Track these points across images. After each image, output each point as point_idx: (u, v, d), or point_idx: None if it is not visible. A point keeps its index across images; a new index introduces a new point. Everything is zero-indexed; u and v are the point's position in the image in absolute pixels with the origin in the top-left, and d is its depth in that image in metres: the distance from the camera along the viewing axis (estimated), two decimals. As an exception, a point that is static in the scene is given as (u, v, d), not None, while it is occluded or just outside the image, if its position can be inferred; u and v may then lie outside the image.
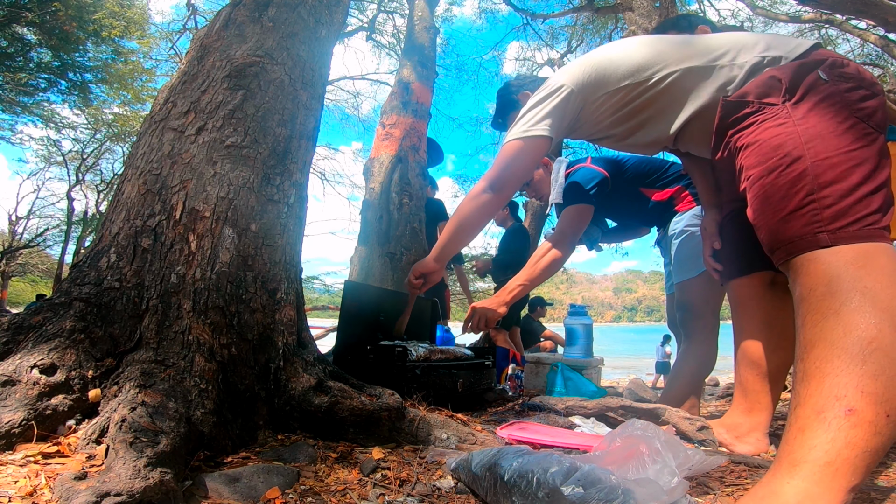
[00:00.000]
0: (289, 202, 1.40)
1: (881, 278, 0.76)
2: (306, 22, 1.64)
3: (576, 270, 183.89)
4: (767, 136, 0.96)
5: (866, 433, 0.65)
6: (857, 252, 0.81)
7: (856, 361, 0.69)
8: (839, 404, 0.68)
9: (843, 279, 0.78)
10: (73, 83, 10.24)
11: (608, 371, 8.63)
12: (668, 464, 0.87)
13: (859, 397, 0.67)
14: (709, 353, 1.85)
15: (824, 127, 0.90)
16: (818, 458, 0.66)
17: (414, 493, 0.88)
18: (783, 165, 0.92)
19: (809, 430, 0.69)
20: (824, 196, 0.86)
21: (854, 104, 0.91)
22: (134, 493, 0.66)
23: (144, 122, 1.42)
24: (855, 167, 0.86)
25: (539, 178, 2.29)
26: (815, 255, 0.84)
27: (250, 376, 1.16)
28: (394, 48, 9.71)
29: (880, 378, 0.67)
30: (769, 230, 0.95)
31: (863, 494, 0.90)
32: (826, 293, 0.78)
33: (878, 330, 0.71)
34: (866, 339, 0.70)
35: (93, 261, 1.16)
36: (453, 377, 1.77)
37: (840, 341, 0.72)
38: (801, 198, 0.89)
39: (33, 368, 0.92)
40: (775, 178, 0.93)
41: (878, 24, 4.69)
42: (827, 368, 0.71)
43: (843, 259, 0.81)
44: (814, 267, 0.84)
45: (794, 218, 0.89)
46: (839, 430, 0.66)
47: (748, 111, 1.00)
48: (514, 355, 2.89)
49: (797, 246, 0.88)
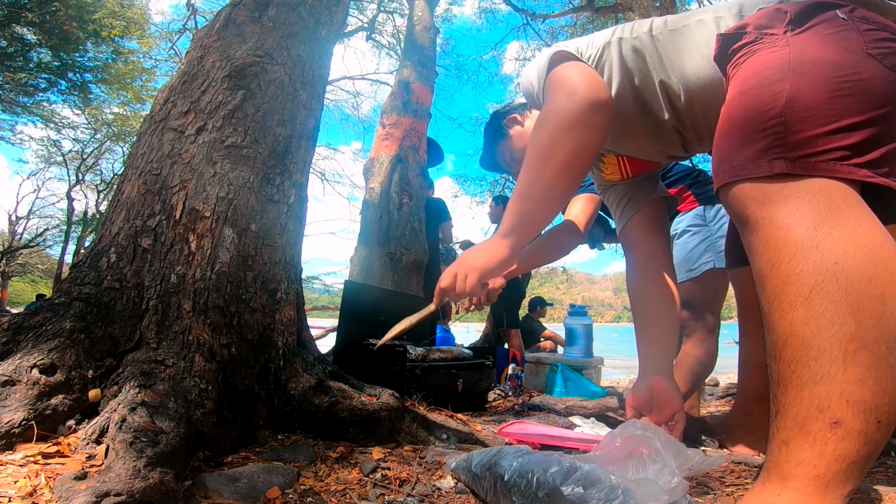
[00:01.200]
0: (289, 202, 1.40)
1: (854, 251, 0.63)
2: (306, 22, 1.64)
3: (576, 270, 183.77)
4: (756, 63, 0.82)
5: (856, 444, 0.58)
6: (821, 209, 0.67)
7: (835, 365, 0.60)
8: (822, 416, 0.60)
9: (808, 251, 0.65)
10: (73, 83, 10.24)
11: (608, 371, 8.61)
12: (668, 464, 0.87)
13: (844, 407, 0.59)
14: (709, 354, 1.85)
15: (824, 53, 0.76)
16: (806, 472, 0.60)
17: (414, 493, 0.88)
18: (759, 85, 0.79)
19: (794, 444, 0.62)
20: (795, 120, 0.72)
21: (871, 41, 0.76)
22: (134, 493, 0.66)
23: (144, 122, 1.42)
24: (845, 96, 0.72)
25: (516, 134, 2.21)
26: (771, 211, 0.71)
27: (250, 376, 1.16)
28: (394, 48, 9.71)
29: (866, 383, 0.59)
30: (720, 151, 0.81)
31: (863, 494, 0.90)
32: (791, 274, 0.66)
33: (857, 323, 0.60)
34: (846, 337, 0.60)
35: (93, 261, 1.16)
36: (453, 377, 1.77)
37: (814, 340, 0.62)
38: (767, 118, 0.75)
39: (33, 368, 0.92)
40: (745, 100, 0.80)
41: (878, 24, 4.68)
42: (804, 374, 0.62)
43: (804, 220, 0.67)
44: (771, 232, 0.70)
45: (753, 139, 0.75)
46: (825, 444, 0.59)
47: (745, 41, 0.86)
48: (514, 355, 2.89)
49: (745, 169, 0.74)
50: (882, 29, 0.80)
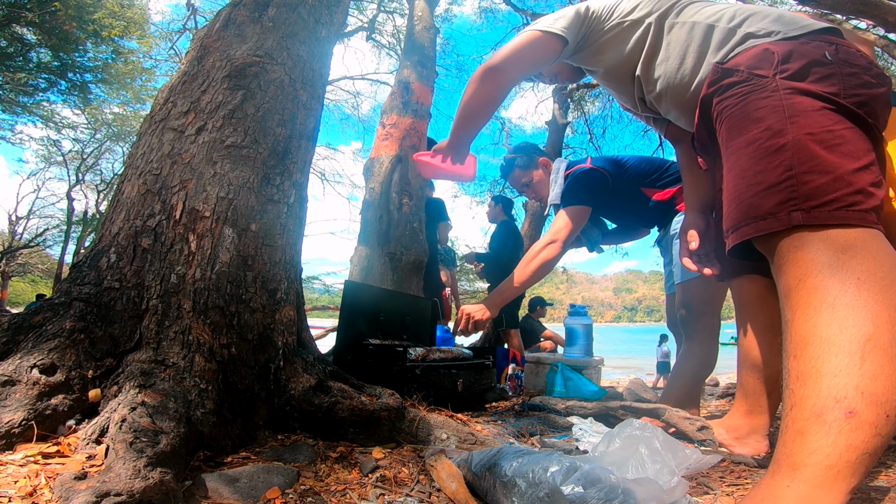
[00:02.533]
0: (289, 202, 1.40)
1: (874, 268, 0.73)
2: (306, 22, 1.64)
3: (576, 270, 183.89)
4: (751, 109, 0.91)
5: (867, 435, 0.64)
6: (845, 239, 0.77)
7: (854, 360, 0.67)
8: (839, 406, 0.65)
9: (834, 269, 0.74)
10: (73, 83, 10.23)
11: (608, 371, 8.63)
12: (668, 463, 0.87)
13: (860, 399, 0.65)
14: (709, 354, 1.85)
15: (812, 104, 0.85)
16: (819, 461, 0.64)
17: (413, 494, 0.88)
18: (763, 138, 0.87)
19: (809, 433, 0.66)
20: (802, 172, 0.82)
21: (851, 88, 0.86)
22: (134, 493, 0.66)
23: (144, 122, 1.42)
24: (837, 146, 0.82)
25: (538, 178, 2.27)
26: (801, 240, 0.80)
27: (250, 376, 1.16)
28: (394, 48, 9.71)
29: (880, 378, 0.65)
30: (740, 205, 0.90)
31: (863, 494, 0.90)
32: (818, 285, 0.74)
33: (875, 326, 0.68)
34: (864, 337, 0.67)
35: (93, 261, 1.16)
36: (453, 377, 1.77)
37: (836, 338, 0.69)
38: (779, 173, 0.84)
39: (33, 368, 0.92)
40: (754, 152, 0.89)
41: (878, 24, 4.69)
42: (824, 368, 0.69)
43: (832, 247, 0.77)
44: (801, 255, 0.79)
45: (770, 194, 0.84)
46: (840, 433, 0.64)
47: (735, 80, 0.95)
48: (514, 355, 2.90)
49: (768, 223, 0.84)
50: (863, 71, 0.89)
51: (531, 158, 2.27)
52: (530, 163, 2.26)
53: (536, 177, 2.26)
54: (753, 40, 0.98)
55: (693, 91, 1.12)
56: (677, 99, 1.18)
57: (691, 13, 1.13)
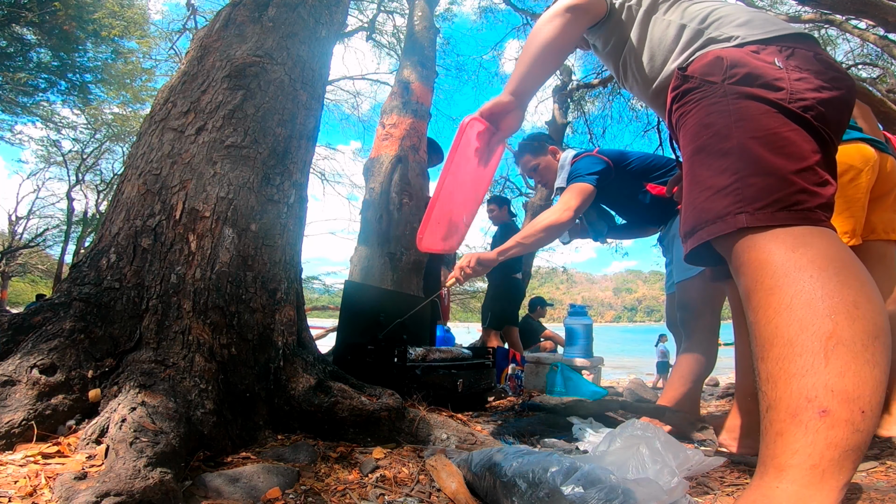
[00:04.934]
0: (289, 202, 1.40)
1: (827, 265, 0.73)
2: (306, 22, 1.64)
3: (576, 270, 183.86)
4: (703, 115, 0.93)
5: (845, 432, 0.64)
6: (794, 238, 0.78)
7: (818, 359, 0.67)
8: (811, 406, 0.66)
9: (787, 269, 0.75)
10: (73, 83, 10.23)
11: (608, 371, 8.63)
12: (668, 464, 0.87)
13: (830, 397, 0.65)
14: (708, 354, 1.85)
15: (757, 108, 0.87)
16: (802, 461, 0.65)
17: (413, 494, 0.88)
18: (712, 144, 0.89)
19: (788, 434, 0.67)
20: (747, 175, 0.83)
21: (798, 93, 0.87)
22: (134, 493, 0.66)
23: (144, 122, 1.42)
24: (781, 147, 0.83)
25: (546, 164, 2.32)
26: (752, 242, 0.81)
27: (250, 376, 1.16)
28: (394, 48, 9.71)
29: (847, 375, 0.66)
30: (694, 210, 0.92)
31: (863, 494, 0.90)
32: (774, 287, 0.75)
33: (834, 323, 0.68)
34: (825, 335, 0.68)
35: (93, 261, 1.16)
36: (453, 377, 1.77)
37: (798, 339, 0.70)
38: (726, 177, 0.86)
39: (33, 368, 0.92)
40: (704, 157, 0.91)
41: (878, 24, 4.69)
42: (791, 368, 0.69)
43: (782, 246, 0.78)
44: (754, 256, 0.80)
45: (719, 197, 0.86)
46: (817, 432, 0.65)
47: (690, 86, 0.98)
48: (514, 355, 2.89)
49: (718, 227, 0.85)
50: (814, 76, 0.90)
51: (542, 146, 2.38)
52: (540, 149, 2.36)
53: (545, 162, 2.36)
54: (713, 45, 1.00)
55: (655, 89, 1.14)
56: (643, 95, 1.20)
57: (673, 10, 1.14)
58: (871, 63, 8.79)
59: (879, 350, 0.67)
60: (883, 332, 0.69)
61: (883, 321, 0.69)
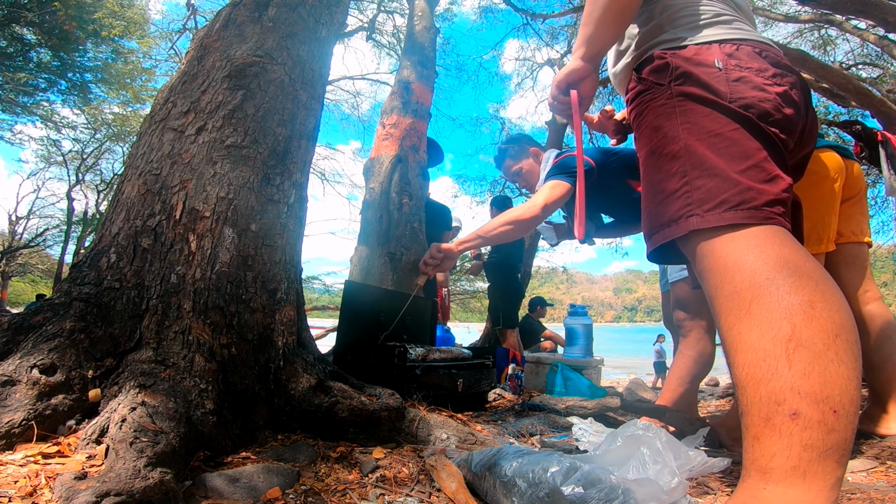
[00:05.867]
0: (289, 202, 1.40)
1: (780, 265, 0.73)
2: (306, 22, 1.64)
3: (576, 270, 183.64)
4: (652, 118, 0.94)
5: (820, 433, 0.63)
6: (746, 239, 0.78)
7: (781, 363, 0.67)
8: (781, 409, 0.66)
9: (743, 273, 0.75)
10: (73, 83, 10.23)
11: (608, 371, 8.64)
12: (669, 464, 0.87)
13: (798, 399, 0.65)
14: (705, 353, 1.85)
15: (700, 109, 0.88)
16: (782, 464, 0.64)
17: (413, 494, 0.88)
18: (661, 147, 0.91)
19: (764, 438, 0.67)
20: (695, 178, 0.84)
21: (738, 92, 0.88)
22: (134, 493, 0.66)
23: (144, 122, 1.42)
24: (724, 148, 0.84)
25: (529, 168, 2.27)
26: (708, 244, 0.82)
27: (250, 376, 1.16)
28: (394, 48, 9.71)
29: (811, 375, 0.65)
30: (650, 214, 0.93)
31: (863, 494, 0.90)
32: (732, 292, 0.76)
33: (791, 325, 0.68)
34: (784, 338, 0.68)
35: (93, 261, 1.16)
36: (453, 377, 1.77)
37: (759, 343, 0.70)
38: (676, 180, 0.87)
39: (33, 368, 0.92)
40: (655, 160, 0.92)
41: (878, 24, 4.69)
42: (757, 374, 0.69)
43: (736, 248, 0.78)
44: (712, 261, 0.81)
45: (671, 201, 0.87)
46: (791, 435, 0.64)
47: (641, 88, 0.99)
48: (514, 355, 2.89)
49: (671, 230, 0.86)
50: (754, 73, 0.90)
51: (522, 148, 2.31)
52: (521, 152, 2.29)
53: (527, 166, 2.28)
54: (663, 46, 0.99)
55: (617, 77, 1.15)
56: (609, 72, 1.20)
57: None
58: (871, 63, 8.78)
59: (843, 347, 0.67)
60: (844, 329, 0.68)
61: (842, 318, 0.69)
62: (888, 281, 22.48)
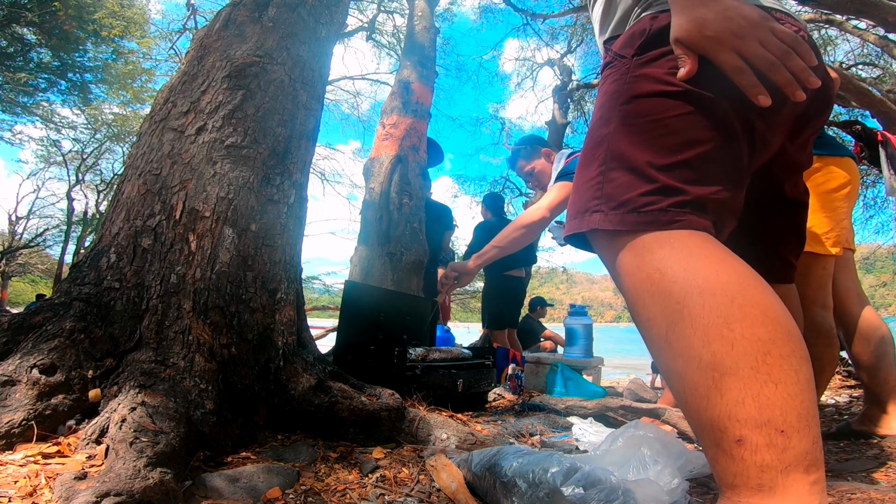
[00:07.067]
0: (289, 202, 1.39)
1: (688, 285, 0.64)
2: (306, 22, 1.64)
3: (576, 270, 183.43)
4: (602, 93, 0.82)
5: (772, 454, 0.57)
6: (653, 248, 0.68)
7: (712, 393, 0.61)
8: (726, 437, 0.60)
9: (654, 295, 0.67)
10: (73, 83, 10.24)
11: (608, 371, 8.63)
12: (669, 464, 0.87)
13: (738, 426, 0.59)
14: None
15: (650, 88, 0.73)
16: (746, 482, 0.59)
17: (413, 494, 0.88)
18: (594, 129, 0.79)
19: (719, 462, 0.62)
20: (610, 169, 0.73)
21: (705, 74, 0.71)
22: (134, 493, 0.66)
23: (144, 122, 1.42)
24: (656, 138, 0.71)
25: (541, 168, 2.32)
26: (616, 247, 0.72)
27: (250, 376, 1.16)
28: (394, 48, 9.71)
29: (745, 402, 0.59)
30: (570, 200, 0.82)
31: (863, 495, 0.89)
32: (648, 318, 0.68)
33: (710, 353, 0.61)
34: (707, 367, 0.61)
35: (93, 261, 1.16)
36: (453, 377, 1.77)
37: (686, 373, 0.63)
38: (594, 167, 0.75)
39: (33, 368, 0.92)
40: (586, 142, 0.81)
41: (878, 24, 4.69)
42: (693, 403, 0.63)
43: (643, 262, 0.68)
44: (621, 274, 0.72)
45: (586, 189, 0.76)
46: (742, 459, 0.59)
47: (607, 61, 0.85)
48: (514, 355, 2.89)
49: (577, 223, 0.76)
50: None
51: (534, 149, 2.36)
52: (533, 153, 2.34)
53: (539, 166, 2.34)
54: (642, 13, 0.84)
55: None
56: None
57: None
58: (871, 63, 8.79)
59: (775, 365, 0.59)
60: (775, 343, 0.60)
61: (767, 332, 0.61)
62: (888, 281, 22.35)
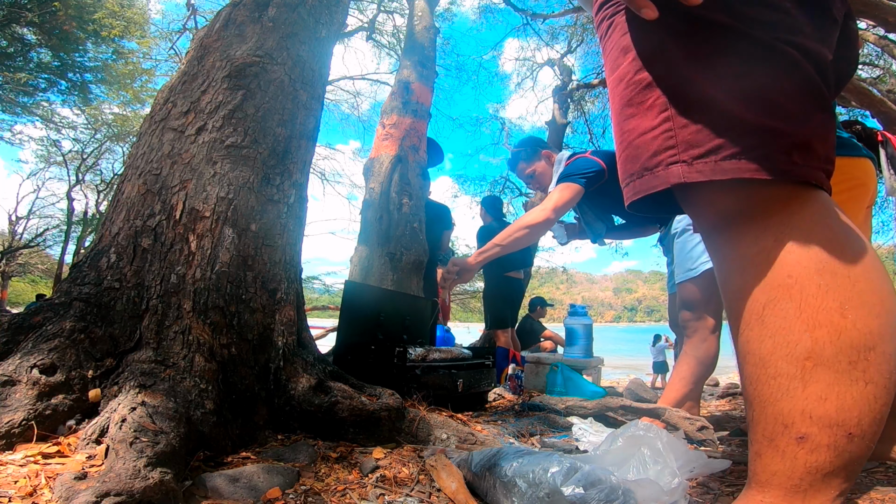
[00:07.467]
0: (289, 202, 1.39)
1: (808, 257, 0.57)
2: (306, 22, 1.64)
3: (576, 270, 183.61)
4: (618, 35, 0.72)
5: (827, 456, 0.56)
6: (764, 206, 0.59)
7: (795, 384, 0.57)
8: (788, 432, 0.57)
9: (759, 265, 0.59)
10: (73, 83, 10.24)
11: (608, 371, 8.64)
12: (670, 464, 0.87)
13: (808, 423, 0.56)
14: (709, 354, 1.85)
15: (690, 27, 0.63)
16: (782, 482, 0.58)
17: (413, 494, 0.88)
18: (632, 72, 0.68)
19: (766, 457, 0.60)
20: (679, 112, 0.62)
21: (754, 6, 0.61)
22: (134, 493, 0.66)
23: (144, 122, 1.42)
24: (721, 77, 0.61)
25: (542, 170, 2.31)
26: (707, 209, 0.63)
27: (250, 376, 1.16)
28: (394, 48, 9.70)
29: (829, 399, 0.55)
30: (620, 158, 0.72)
31: (863, 495, 0.89)
32: (742, 288, 0.61)
33: (812, 340, 0.56)
34: (801, 356, 0.56)
35: (93, 261, 1.16)
36: (453, 377, 1.77)
37: (771, 358, 0.58)
38: (654, 114, 0.65)
39: (33, 368, 0.92)
40: (624, 89, 0.70)
41: (878, 24, 4.69)
42: (765, 392, 0.59)
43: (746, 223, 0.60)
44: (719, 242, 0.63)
45: (647, 140, 0.65)
46: (795, 458, 0.57)
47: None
48: (514, 355, 2.89)
49: (645, 181, 0.66)
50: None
51: (535, 151, 2.35)
52: (534, 154, 2.33)
53: (540, 168, 2.33)
54: None
55: None
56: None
57: None
58: (871, 63, 8.78)
59: (875, 362, 0.55)
60: (882, 340, 0.56)
61: (880, 325, 0.56)
62: (888, 281, 22.52)
